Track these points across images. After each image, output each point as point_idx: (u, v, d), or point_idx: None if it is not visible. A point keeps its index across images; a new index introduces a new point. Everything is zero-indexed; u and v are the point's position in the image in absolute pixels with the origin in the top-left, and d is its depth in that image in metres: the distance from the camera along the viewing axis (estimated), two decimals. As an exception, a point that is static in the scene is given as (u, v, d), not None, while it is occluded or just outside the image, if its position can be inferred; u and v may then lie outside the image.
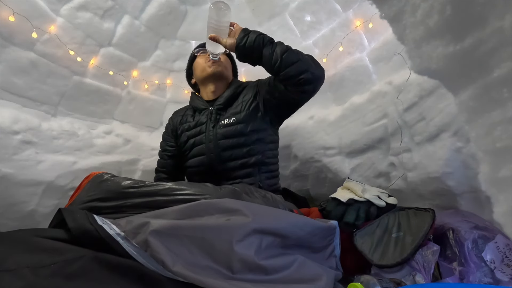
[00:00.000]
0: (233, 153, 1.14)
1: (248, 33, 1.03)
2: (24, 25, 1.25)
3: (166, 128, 1.37)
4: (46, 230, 0.64)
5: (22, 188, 1.16)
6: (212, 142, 1.15)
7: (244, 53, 1.03)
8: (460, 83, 0.64)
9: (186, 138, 1.23)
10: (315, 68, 1.03)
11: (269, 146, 1.19)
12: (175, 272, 0.55)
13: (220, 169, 1.15)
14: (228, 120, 1.16)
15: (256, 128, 1.15)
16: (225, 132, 1.14)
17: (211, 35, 1.05)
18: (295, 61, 1.00)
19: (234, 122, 1.15)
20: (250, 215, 0.68)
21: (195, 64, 1.31)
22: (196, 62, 1.30)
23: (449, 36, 0.57)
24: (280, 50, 1.01)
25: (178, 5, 1.71)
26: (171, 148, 1.30)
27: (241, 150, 1.13)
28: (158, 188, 0.81)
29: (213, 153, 1.15)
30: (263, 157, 1.15)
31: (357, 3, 1.44)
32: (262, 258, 0.64)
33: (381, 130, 1.25)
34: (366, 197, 1.01)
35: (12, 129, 1.17)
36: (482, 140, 0.65)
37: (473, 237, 0.74)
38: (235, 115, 1.16)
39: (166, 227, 0.61)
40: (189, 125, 1.24)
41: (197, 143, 1.19)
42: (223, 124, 1.16)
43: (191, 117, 1.27)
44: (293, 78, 1.01)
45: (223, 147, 1.14)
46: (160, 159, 1.34)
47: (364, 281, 0.67)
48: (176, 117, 1.34)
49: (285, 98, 1.10)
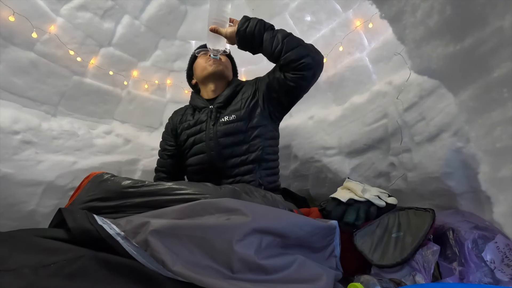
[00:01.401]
0: (233, 150, 1.14)
1: (249, 19, 1.05)
2: (24, 25, 1.25)
3: (166, 128, 1.37)
4: (46, 230, 0.64)
5: (22, 188, 1.15)
6: (213, 140, 1.16)
7: (245, 39, 1.04)
8: (460, 83, 0.64)
9: (186, 137, 1.24)
10: (315, 53, 1.05)
11: (269, 142, 1.19)
12: (175, 272, 0.55)
13: (221, 166, 1.15)
14: (228, 117, 1.16)
15: (256, 124, 1.15)
16: (225, 130, 1.15)
17: (212, 27, 1.06)
18: (296, 46, 1.02)
19: (234, 120, 1.15)
20: (250, 214, 0.68)
21: (196, 65, 1.31)
22: (197, 62, 1.31)
23: (449, 36, 0.57)
24: (281, 35, 1.03)
25: (178, 5, 1.71)
26: (171, 147, 1.31)
27: (241, 147, 1.14)
28: (158, 188, 0.81)
29: (214, 150, 1.15)
30: (263, 153, 1.15)
31: (357, 3, 1.44)
32: (262, 257, 0.64)
33: (381, 130, 1.25)
34: (366, 197, 1.01)
35: (12, 129, 1.17)
36: (482, 140, 0.65)
37: (473, 237, 0.74)
38: (235, 112, 1.16)
39: (166, 227, 0.61)
40: (189, 124, 1.25)
41: (197, 141, 1.20)
42: (223, 121, 1.16)
43: (191, 116, 1.27)
44: (294, 62, 1.02)
45: (223, 145, 1.14)
46: (160, 159, 1.34)
47: (364, 281, 0.67)
48: (176, 116, 1.35)
49: (284, 89, 1.11)
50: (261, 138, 1.16)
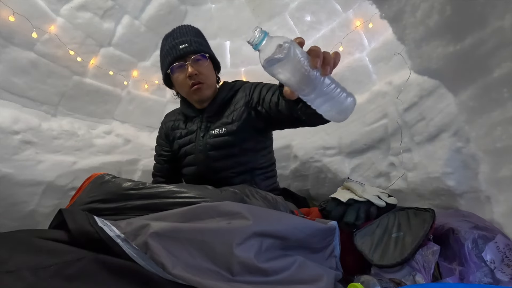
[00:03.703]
0: (223, 164, 1.11)
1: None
2: (24, 25, 1.25)
3: (159, 132, 1.32)
4: (46, 231, 0.64)
5: (22, 188, 1.16)
6: (202, 153, 1.12)
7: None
8: (460, 83, 0.64)
9: (178, 146, 1.20)
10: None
11: (261, 153, 1.16)
12: (174, 275, 0.55)
13: (212, 178, 1.11)
14: (219, 130, 1.10)
15: (246, 137, 1.10)
16: (215, 143, 1.10)
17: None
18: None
19: (224, 133, 1.09)
20: (250, 218, 0.68)
21: (174, 79, 1.13)
22: (174, 77, 1.12)
23: (449, 36, 0.57)
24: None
25: (178, 5, 1.71)
26: (167, 153, 1.27)
27: (232, 160, 1.10)
28: (159, 191, 0.81)
29: (203, 164, 1.12)
30: (255, 164, 1.13)
31: (357, 3, 1.44)
32: (262, 260, 0.64)
33: (381, 130, 1.25)
34: (366, 197, 1.01)
35: (12, 129, 1.17)
36: (482, 140, 0.65)
37: (473, 237, 0.74)
38: (225, 125, 1.10)
39: (166, 230, 0.61)
40: (180, 133, 1.20)
41: (188, 152, 1.16)
42: (213, 134, 1.11)
43: (183, 123, 1.21)
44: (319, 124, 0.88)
45: (213, 158, 1.11)
46: (157, 164, 1.30)
47: (364, 281, 0.67)
48: (168, 121, 1.29)
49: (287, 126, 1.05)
50: (253, 151, 1.13)
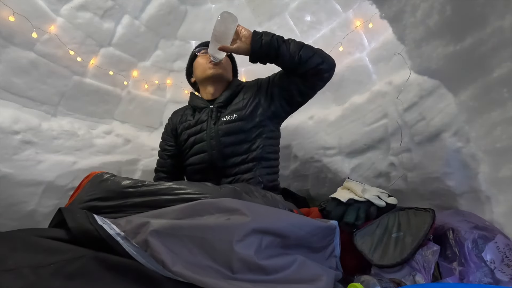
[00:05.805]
0: (234, 149, 1.15)
1: (261, 35, 1.06)
2: (24, 25, 1.25)
3: (165, 128, 1.37)
4: (46, 230, 0.64)
5: (22, 188, 1.16)
6: (214, 139, 1.16)
7: (259, 55, 1.06)
8: (460, 83, 0.64)
9: (186, 136, 1.24)
10: (328, 58, 1.11)
11: (270, 142, 1.20)
12: (175, 272, 0.55)
13: (221, 165, 1.16)
14: (230, 116, 1.17)
15: (257, 124, 1.17)
16: (227, 129, 1.16)
17: (222, 46, 1.06)
18: (311, 55, 1.06)
19: (235, 119, 1.16)
20: (249, 214, 0.68)
21: (196, 64, 1.31)
22: (197, 61, 1.30)
23: (449, 36, 0.58)
24: (296, 48, 1.06)
25: (178, 5, 1.71)
26: (171, 147, 1.31)
27: (242, 146, 1.15)
28: (158, 188, 0.81)
29: (215, 149, 1.16)
30: (263, 152, 1.16)
31: (357, 3, 1.44)
32: (262, 258, 0.64)
33: (381, 130, 1.25)
34: (366, 197, 1.01)
35: (12, 129, 1.17)
36: (482, 140, 0.65)
37: (473, 237, 0.74)
38: (236, 111, 1.17)
39: (166, 227, 0.61)
40: (189, 124, 1.25)
41: (198, 140, 1.20)
42: (225, 120, 1.17)
43: (191, 116, 1.27)
44: (312, 69, 1.07)
45: (225, 144, 1.15)
46: (160, 159, 1.34)
47: (364, 281, 0.67)
48: (175, 116, 1.35)
49: (301, 90, 1.15)
50: (262, 137, 1.17)
